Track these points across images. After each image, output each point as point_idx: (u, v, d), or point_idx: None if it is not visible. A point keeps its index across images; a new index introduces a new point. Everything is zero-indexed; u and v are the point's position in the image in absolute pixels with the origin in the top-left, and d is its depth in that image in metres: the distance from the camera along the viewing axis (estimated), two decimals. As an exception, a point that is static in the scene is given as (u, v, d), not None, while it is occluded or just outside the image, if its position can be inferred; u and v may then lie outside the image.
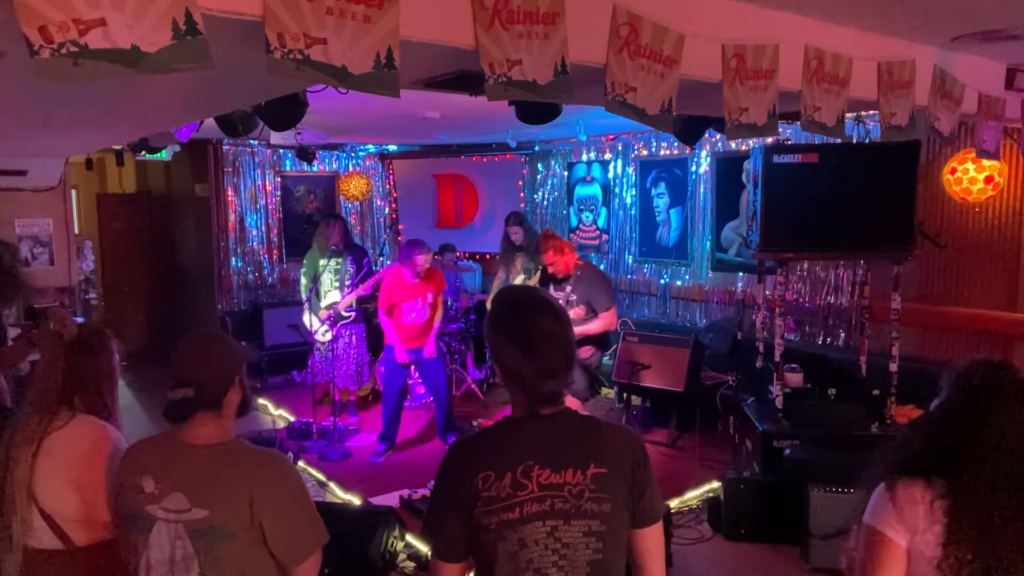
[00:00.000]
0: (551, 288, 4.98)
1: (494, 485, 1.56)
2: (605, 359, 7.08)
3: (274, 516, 1.79)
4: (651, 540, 1.69)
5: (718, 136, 6.43)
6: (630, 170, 7.64)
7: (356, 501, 4.69)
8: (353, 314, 6.15)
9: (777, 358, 4.65)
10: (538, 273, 5.79)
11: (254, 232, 8.45)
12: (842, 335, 5.90)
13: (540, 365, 1.59)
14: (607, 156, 7.88)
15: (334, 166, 9.06)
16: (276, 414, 6.70)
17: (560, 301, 4.86)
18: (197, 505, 1.78)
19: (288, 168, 8.64)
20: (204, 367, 1.86)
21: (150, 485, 1.81)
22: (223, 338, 1.99)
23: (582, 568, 1.57)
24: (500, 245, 6.49)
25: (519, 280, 6.14)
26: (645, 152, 7.49)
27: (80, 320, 3.43)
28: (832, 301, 5.96)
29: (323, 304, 6.13)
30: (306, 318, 6.22)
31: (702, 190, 6.98)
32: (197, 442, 1.85)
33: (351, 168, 9.07)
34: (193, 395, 1.82)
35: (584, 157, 8.14)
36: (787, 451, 4.30)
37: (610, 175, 7.84)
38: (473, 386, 7.22)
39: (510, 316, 1.66)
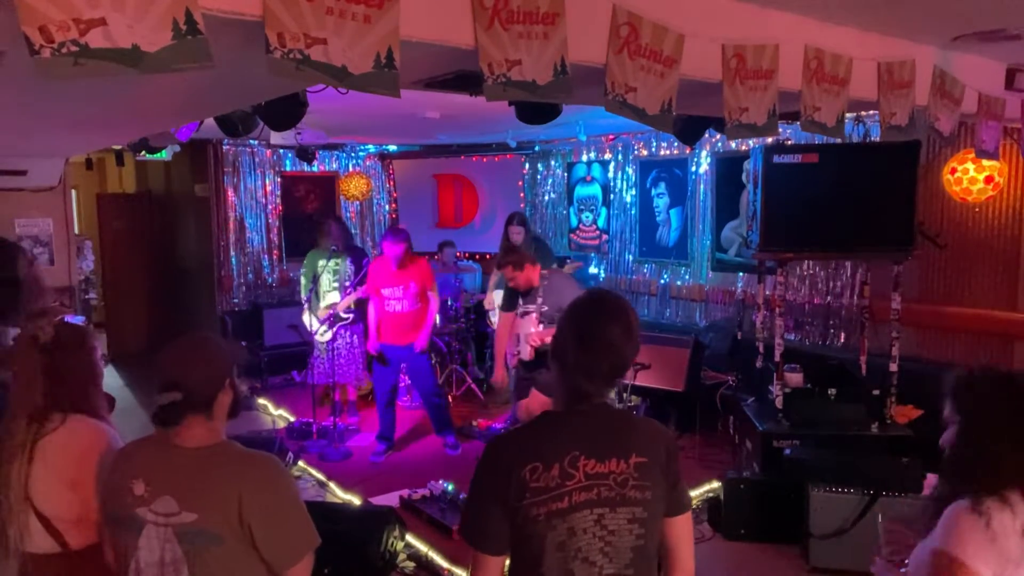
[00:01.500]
0: (520, 302, 4.93)
1: (542, 476, 1.60)
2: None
3: (263, 519, 1.77)
4: (682, 528, 1.76)
5: (718, 136, 6.43)
6: (630, 170, 7.64)
7: (356, 501, 4.69)
8: (352, 315, 6.15)
9: (777, 358, 4.65)
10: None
11: (254, 232, 8.45)
12: (842, 335, 5.90)
13: (584, 362, 1.66)
14: (607, 156, 7.88)
15: (334, 166, 9.07)
16: (276, 414, 6.70)
17: (532, 314, 4.80)
18: (186, 508, 1.77)
19: (288, 168, 8.64)
20: (193, 370, 1.83)
21: (140, 488, 1.80)
22: (212, 340, 1.97)
23: (626, 554, 1.64)
24: (500, 246, 6.48)
25: None
26: (645, 152, 7.49)
27: (79, 319, 3.43)
28: (832, 301, 5.96)
29: (322, 304, 6.14)
30: (306, 318, 6.23)
31: (702, 190, 6.98)
32: (187, 444, 1.83)
33: (351, 168, 9.07)
34: (182, 399, 1.80)
35: (584, 157, 8.14)
36: (787, 451, 4.30)
37: (610, 175, 7.84)
38: (473, 386, 7.22)
39: (588, 308, 1.75)
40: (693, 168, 7.02)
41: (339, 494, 4.86)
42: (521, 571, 1.66)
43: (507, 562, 1.71)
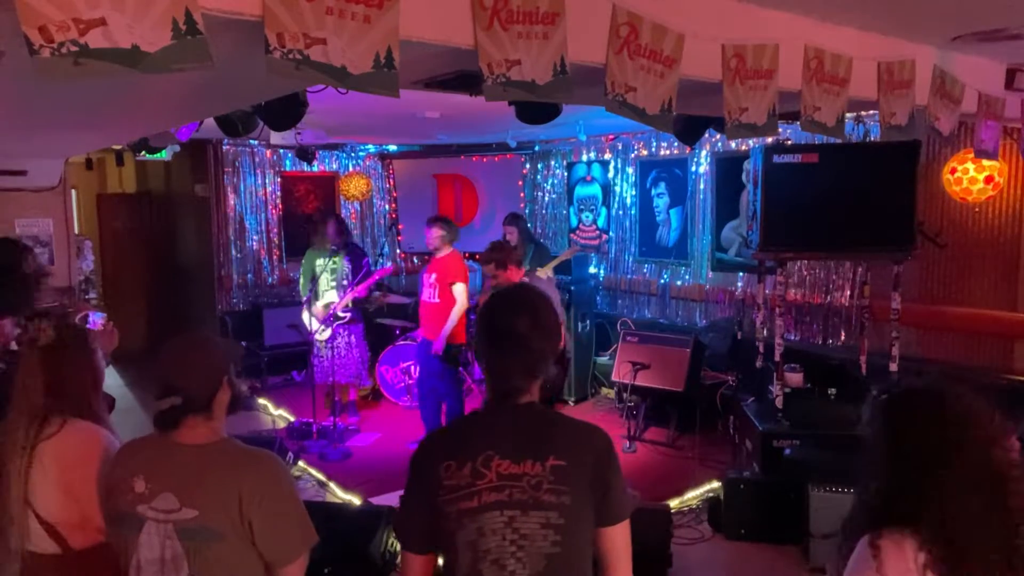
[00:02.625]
0: None
1: (455, 474, 1.60)
2: (604, 359, 7.10)
3: (263, 515, 1.78)
4: (617, 538, 1.66)
5: (718, 136, 6.43)
6: (630, 170, 7.64)
7: (356, 501, 4.69)
8: (349, 315, 6.15)
9: (777, 358, 4.64)
10: (538, 273, 5.78)
11: (254, 232, 8.45)
12: (842, 335, 5.90)
13: (501, 363, 1.66)
14: (607, 156, 7.88)
15: (334, 166, 9.06)
16: (276, 414, 6.70)
17: None
18: (187, 505, 1.78)
19: (288, 168, 8.64)
20: (190, 373, 1.85)
21: (140, 485, 1.81)
22: (207, 340, 1.99)
23: (540, 560, 1.57)
24: None
25: None
26: (645, 152, 7.49)
27: (100, 316, 3.40)
28: (832, 301, 5.96)
29: (320, 303, 6.14)
30: (305, 317, 6.23)
31: (702, 190, 6.98)
32: (187, 442, 1.85)
33: (351, 168, 9.07)
34: (181, 402, 1.82)
35: (584, 157, 8.14)
36: (787, 451, 4.30)
37: (610, 175, 7.84)
38: (473, 385, 7.22)
39: (492, 309, 1.72)
40: (693, 168, 7.02)
41: (339, 494, 4.86)
42: (445, 570, 1.66)
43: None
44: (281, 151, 8.44)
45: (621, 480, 1.67)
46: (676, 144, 6.99)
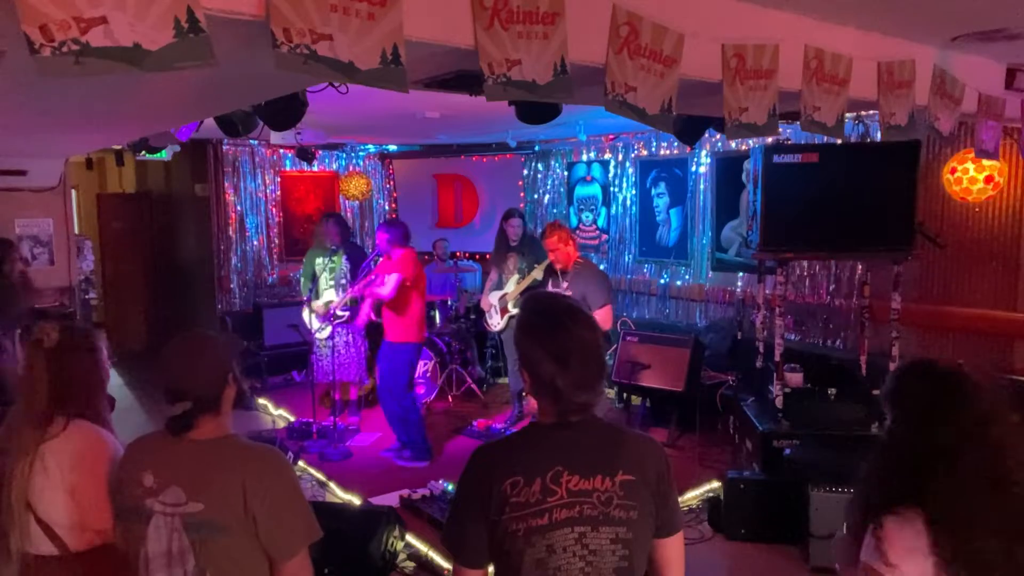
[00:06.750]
0: (550, 283, 4.97)
1: (523, 491, 1.55)
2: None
3: (267, 509, 1.80)
4: (673, 549, 1.69)
5: (718, 136, 6.43)
6: (630, 170, 7.65)
7: (356, 501, 4.69)
8: (348, 314, 6.15)
9: (777, 358, 4.64)
10: (532, 274, 5.76)
11: (254, 232, 8.45)
12: (842, 335, 5.90)
13: (575, 377, 1.57)
14: (607, 156, 7.88)
15: (334, 166, 9.07)
16: (276, 414, 6.70)
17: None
18: (193, 499, 1.80)
19: (288, 168, 8.64)
20: (197, 376, 1.86)
21: (149, 479, 1.83)
22: (209, 339, 1.98)
23: (608, 575, 1.57)
24: (494, 243, 6.46)
25: (513, 281, 6.10)
26: (645, 152, 7.50)
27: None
28: (832, 301, 5.96)
29: (320, 302, 6.14)
30: (305, 316, 6.23)
31: (702, 190, 6.98)
32: (195, 437, 1.87)
33: (351, 168, 9.08)
34: (192, 406, 1.84)
35: (584, 157, 8.15)
36: (787, 451, 4.30)
37: (610, 175, 7.84)
38: (473, 386, 7.22)
39: (544, 325, 1.62)
40: (693, 168, 7.02)
41: (339, 494, 4.86)
42: None
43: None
44: (281, 151, 8.45)
45: (675, 491, 1.68)
46: (676, 144, 6.99)
